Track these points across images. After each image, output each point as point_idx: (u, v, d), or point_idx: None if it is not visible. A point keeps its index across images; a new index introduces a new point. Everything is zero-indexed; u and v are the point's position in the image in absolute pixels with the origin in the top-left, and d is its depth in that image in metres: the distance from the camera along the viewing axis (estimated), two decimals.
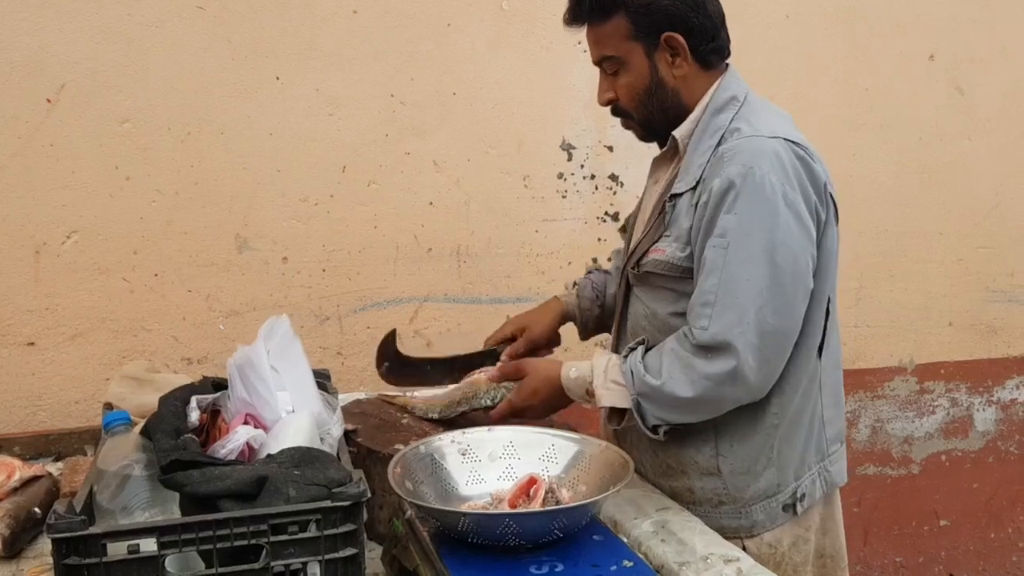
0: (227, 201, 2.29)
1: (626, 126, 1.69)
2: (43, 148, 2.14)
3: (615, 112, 1.66)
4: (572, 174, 2.59)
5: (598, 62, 1.63)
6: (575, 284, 1.97)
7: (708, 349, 1.45)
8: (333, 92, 2.35)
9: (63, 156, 2.16)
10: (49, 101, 2.14)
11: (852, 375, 1.70)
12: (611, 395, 1.55)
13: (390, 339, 1.98)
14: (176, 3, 2.20)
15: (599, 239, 2.64)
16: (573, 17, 1.61)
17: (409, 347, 2.49)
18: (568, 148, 2.58)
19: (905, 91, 2.91)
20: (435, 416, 1.79)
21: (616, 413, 1.57)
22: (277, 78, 2.29)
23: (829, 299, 1.57)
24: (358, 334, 2.43)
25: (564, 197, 2.59)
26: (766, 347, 1.45)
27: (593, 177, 2.62)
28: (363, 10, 2.35)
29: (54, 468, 1.78)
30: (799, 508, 1.59)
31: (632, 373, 1.52)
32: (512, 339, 1.91)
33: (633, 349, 1.57)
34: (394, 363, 1.97)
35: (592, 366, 1.59)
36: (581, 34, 1.63)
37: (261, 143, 2.30)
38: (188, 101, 2.23)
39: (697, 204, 1.51)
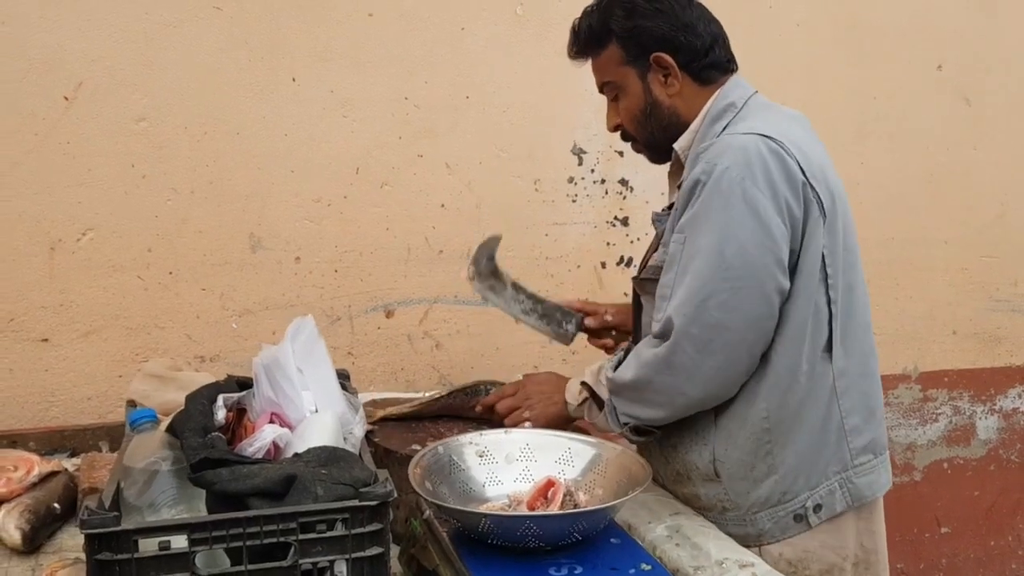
0: (242, 200, 2.30)
1: (636, 150, 1.75)
2: (60, 145, 2.15)
3: (624, 137, 1.73)
4: (583, 178, 2.61)
5: (600, 89, 1.71)
6: None
7: (657, 338, 1.53)
8: (347, 94, 2.36)
9: (79, 153, 2.16)
10: (66, 99, 2.14)
11: None
12: (594, 381, 1.68)
13: (492, 243, 1.91)
14: (193, 3, 2.21)
15: (608, 243, 2.65)
16: (576, 52, 1.70)
17: (419, 348, 2.52)
18: (579, 152, 2.60)
19: (912, 100, 2.93)
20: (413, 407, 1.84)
21: (599, 408, 1.68)
22: (293, 79, 2.31)
23: (831, 299, 1.53)
24: (369, 334, 2.45)
25: (574, 201, 2.61)
26: (709, 340, 1.47)
27: (603, 182, 2.63)
28: (379, 13, 2.37)
29: (69, 464, 1.79)
30: (813, 519, 1.56)
31: (606, 372, 1.64)
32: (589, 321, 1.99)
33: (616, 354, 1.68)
34: (485, 270, 1.91)
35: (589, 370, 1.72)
36: None
37: (276, 144, 2.31)
38: (204, 101, 2.24)
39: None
